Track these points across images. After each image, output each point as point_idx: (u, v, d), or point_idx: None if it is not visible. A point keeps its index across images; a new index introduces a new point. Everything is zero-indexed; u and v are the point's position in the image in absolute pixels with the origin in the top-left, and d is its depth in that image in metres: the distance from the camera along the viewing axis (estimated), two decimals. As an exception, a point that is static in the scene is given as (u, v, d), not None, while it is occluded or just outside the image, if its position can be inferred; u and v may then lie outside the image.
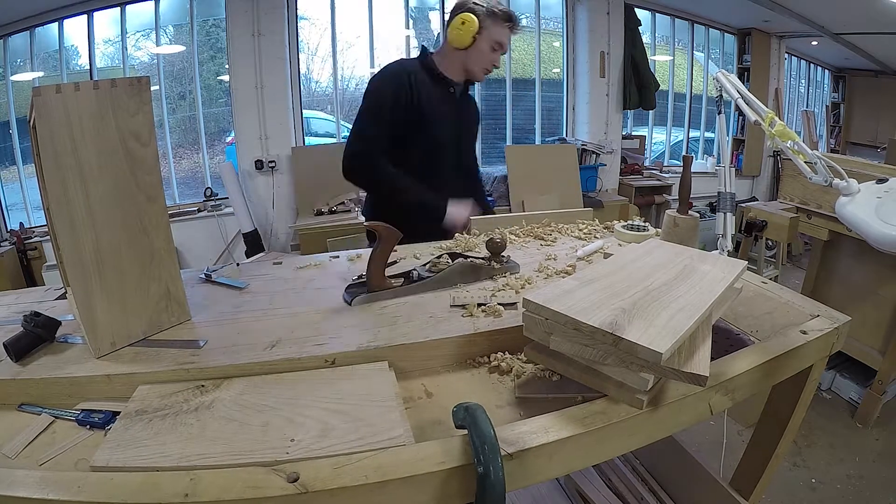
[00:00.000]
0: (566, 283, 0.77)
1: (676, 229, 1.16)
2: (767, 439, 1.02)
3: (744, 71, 5.22)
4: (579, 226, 1.48)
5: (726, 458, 1.30)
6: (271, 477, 0.54)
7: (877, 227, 0.85)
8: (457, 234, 1.39)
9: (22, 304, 1.04)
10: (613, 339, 0.62)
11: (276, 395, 0.70)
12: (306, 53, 3.89)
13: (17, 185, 3.44)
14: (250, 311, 0.96)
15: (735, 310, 0.98)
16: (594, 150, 4.31)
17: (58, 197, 0.74)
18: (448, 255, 1.13)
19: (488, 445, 0.54)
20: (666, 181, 4.61)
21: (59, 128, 0.72)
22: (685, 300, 0.72)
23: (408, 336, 0.83)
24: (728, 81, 0.99)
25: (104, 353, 0.80)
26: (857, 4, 4.06)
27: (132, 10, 3.45)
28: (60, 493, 0.53)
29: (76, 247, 0.76)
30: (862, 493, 1.88)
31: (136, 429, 0.63)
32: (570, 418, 0.64)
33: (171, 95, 3.78)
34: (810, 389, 0.95)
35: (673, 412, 0.69)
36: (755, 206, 2.60)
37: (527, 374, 0.78)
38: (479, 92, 4.38)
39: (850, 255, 2.42)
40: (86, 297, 0.78)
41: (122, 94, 0.78)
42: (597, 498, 1.25)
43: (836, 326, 0.89)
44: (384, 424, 0.63)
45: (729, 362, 0.78)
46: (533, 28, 4.54)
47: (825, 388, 2.51)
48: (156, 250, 0.86)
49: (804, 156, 0.92)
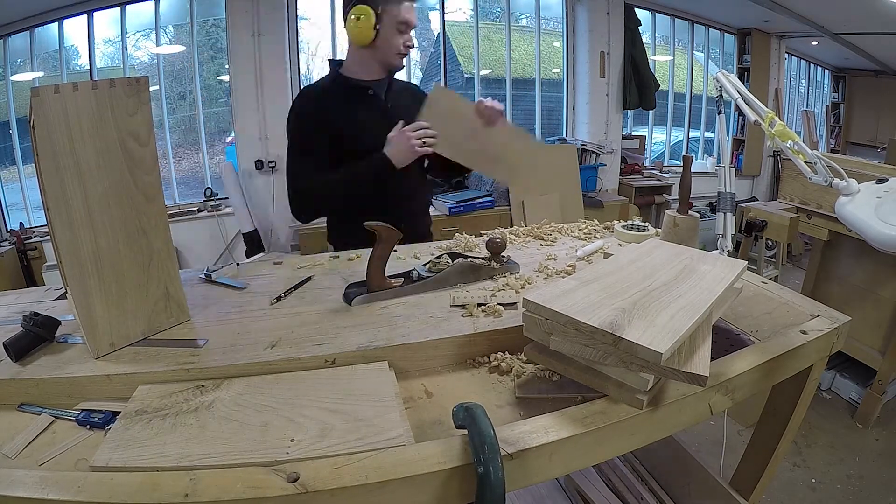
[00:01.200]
0: (566, 283, 0.77)
1: (676, 229, 1.16)
2: (767, 439, 1.02)
3: (744, 71, 5.22)
4: (579, 226, 1.48)
5: (726, 458, 1.29)
6: (271, 477, 0.54)
7: (877, 227, 0.85)
8: (456, 235, 1.38)
9: (22, 304, 1.04)
10: (613, 339, 0.62)
11: (276, 395, 0.70)
12: (306, 53, 3.89)
13: (17, 185, 3.43)
14: (250, 311, 0.96)
15: (735, 310, 0.98)
16: (594, 150, 4.31)
17: (56, 197, 0.74)
18: (448, 255, 1.13)
19: (488, 445, 0.54)
20: (666, 181, 4.61)
21: (57, 128, 0.72)
22: (685, 300, 0.72)
23: (408, 336, 0.83)
24: (728, 81, 0.99)
25: (103, 353, 0.80)
26: (857, 4, 4.06)
27: (132, 10, 3.45)
28: (60, 493, 0.53)
29: (74, 247, 0.76)
30: (862, 493, 1.88)
31: (136, 429, 0.63)
32: (570, 418, 0.64)
33: (171, 95, 3.77)
34: (810, 389, 0.95)
35: (673, 412, 0.69)
36: (755, 206, 2.60)
37: (527, 374, 0.77)
38: (479, 91, 4.39)
39: (850, 255, 2.42)
40: (84, 297, 0.78)
41: (121, 94, 0.78)
42: (597, 498, 1.25)
43: (836, 326, 0.89)
44: (384, 424, 0.63)
45: (729, 362, 0.78)
46: (533, 28, 4.54)
47: (825, 388, 2.51)
48: (155, 251, 0.86)
49: (804, 156, 0.92)
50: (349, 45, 1.45)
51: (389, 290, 1.00)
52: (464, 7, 4.34)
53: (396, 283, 1.02)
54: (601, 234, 1.42)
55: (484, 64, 4.43)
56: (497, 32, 4.48)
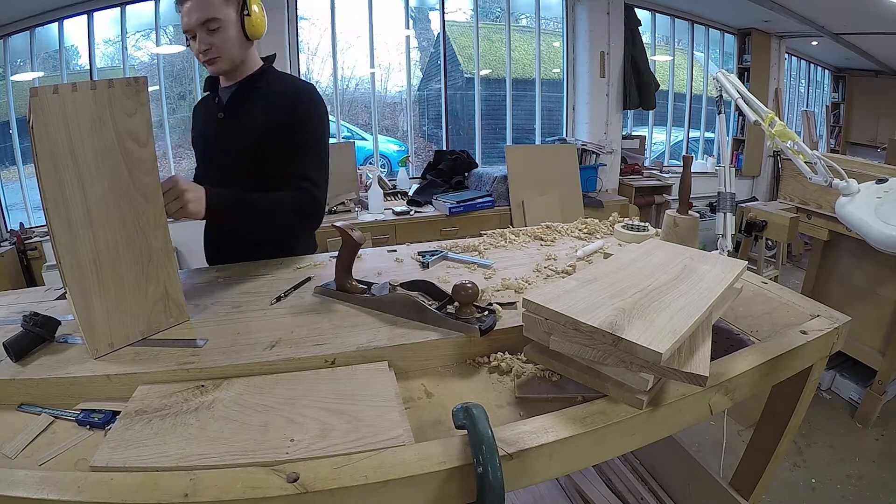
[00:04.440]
0: (566, 283, 0.77)
1: (676, 229, 1.16)
2: (767, 439, 1.02)
3: (744, 71, 5.22)
4: (579, 226, 1.48)
5: (726, 458, 1.29)
6: (271, 477, 0.54)
7: (877, 227, 0.85)
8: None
9: (22, 304, 1.04)
10: (613, 339, 0.62)
11: (276, 395, 0.70)
12: (306, 53, 3.89)
13: (17, 185, 3.43)
14: (250, 311, 0.96)
15: (735, 310, 0.98)
16: (594, 150, 4.31)
17: (55, 198, 0.74)
18: (418, 281, 0.97)
19: (486, 445, 0.54)
20: (666, 181, 4.60)
21: (55, 128, 0.72)
22: (685, 300, 0.72)
23: (408, 336, 0.83)
24: (728, 81, 0.99)
25: (101, 354, 0.80)
26: (858, 4, 4.06)
27: (132, 11, 3.45)
28: (60, 493, 0.53)
29: (73, 247, 0.76)
30: (862, 494, 1.87)
31: (135, 429, 0.63)
32: (570, 418, 0.64)
33: (171, 95, 3.77)
34: (810, 389, 0.95)
35: (673, 412, 0.69)
36: (755, 206, 2.59)
37: (527, 374, 0.77)
38: (479, 92, 4.39)
39: (850, 255, 2.42)
40: (83, 297, 0.78)
41: (120, 95, 0.78)
42: (597, 498, 1.25)
43: (836, 326, 0.89)
44: (384, 424, 0.63)
45: (729, 362, 0.78)
46: (533, 28, 4.54)
47: (825, 388, 2.51)
48: (154, 251, 0.86)
49: (804, 156, 0.92)
50: None
51: (349, 294, 0.97)
52: (464, 7, 4.34)
53: (361, 288, 0.98)
54: (601, 235, 1.42)
55: (484, 64, 4.42)
56: (497, 32, 4.48)
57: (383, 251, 1.32)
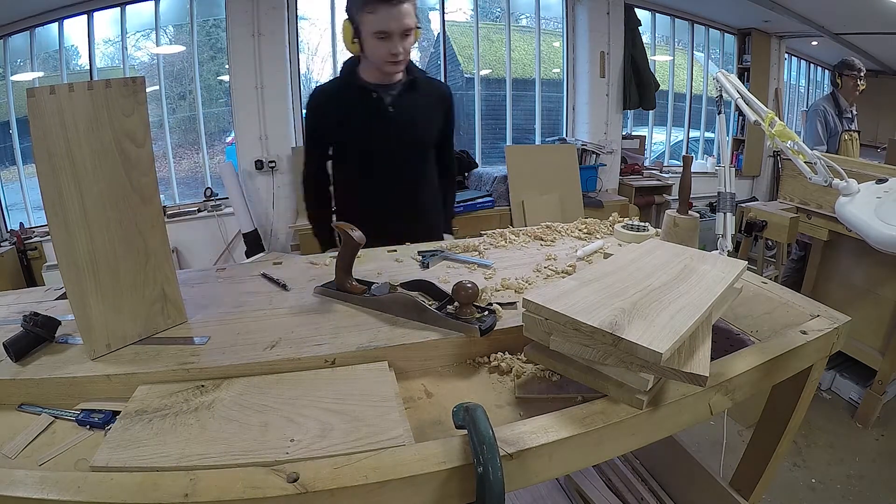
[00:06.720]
0: (566, 283, 0.77)
1: (676, 229, 1.16)
2: (767, 439, 1.02)
3: (744, 71, 5.22)
4: (579, 226, 1.48)
5: (726, 458, 1.29)
6: (271, 477, 0.54)
7: (877, 227, 0.85)
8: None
9: (22, 304, 1.04)
10: (613, 339, 0.62)
11: (276, 395, 0.70)
12: (306, 53, 3.89)
13: (17, 185, 3.44)
14: (250, 311, 0.96)
15: (735, 310, 0.98)
16: (594, 150, 4.31)
17: (52, 198, 0.73)
18: (418, 281, 0.97)
19: (487, 445, 0.54)
20: (666, 181, 4.61)
21: (53, 129, 0.71)
22: (685, 300, 0.72)
23: (408, 336, 0.83)
24: (728, 81, 0.99)
25: (99, 354, 0.80)
26: (858, 4, 4.06)
27: (132, 10, 3.45)
28: (60, 493, 0.53)
29: (70, 248, 0.76)
30: (862, 494, 1.87)
31: (135, 429, 0.63)
32: (570, 418, 0.63)
33: (171, 95, 3.77)
34: (810, 389, 0.95)
35: (673, 412, 0.69)
36: (755, 206, 2.59)
37: (527, 374, 0.77)
38: (479, 92, 4.39)
39: (850, 255, 2.42)
40: (81, 298, 0.78)
41: (117, 95, 0.77)
42: (597, 498, 1.25)
43: (836, 326, 0.89)
44: (384, 424, 0.63)
45: (729, 362, 0.78)
46: (533, 28, 4.54)
47: (825, 388, 2.51)
48: (151, 252, 0.86)
49: (804, 156, 0.92)
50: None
51: (349, 294, 0.97)
52: (464, 7, 4.34)
53: (361, 288, 0.97)
54: (602, 234, 1.42)
55: (484, 64, 4.43)
56: (497, 32, 4.48)
57: (383, 251, 1.32)
